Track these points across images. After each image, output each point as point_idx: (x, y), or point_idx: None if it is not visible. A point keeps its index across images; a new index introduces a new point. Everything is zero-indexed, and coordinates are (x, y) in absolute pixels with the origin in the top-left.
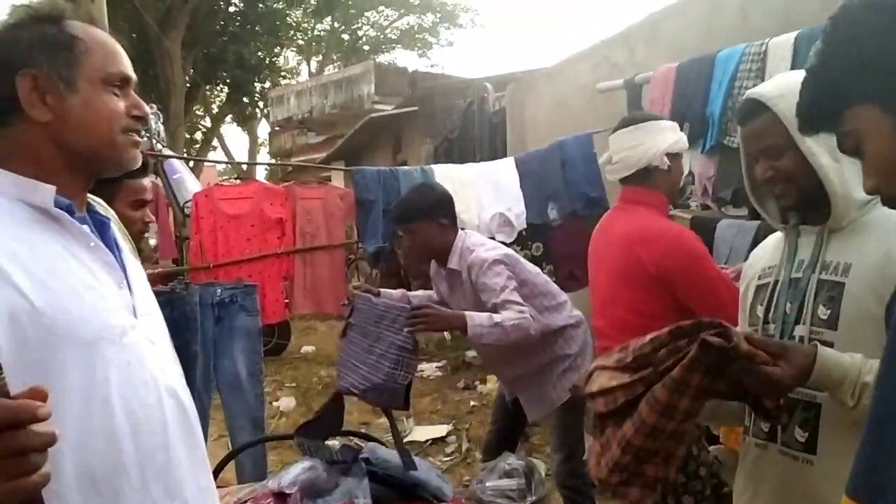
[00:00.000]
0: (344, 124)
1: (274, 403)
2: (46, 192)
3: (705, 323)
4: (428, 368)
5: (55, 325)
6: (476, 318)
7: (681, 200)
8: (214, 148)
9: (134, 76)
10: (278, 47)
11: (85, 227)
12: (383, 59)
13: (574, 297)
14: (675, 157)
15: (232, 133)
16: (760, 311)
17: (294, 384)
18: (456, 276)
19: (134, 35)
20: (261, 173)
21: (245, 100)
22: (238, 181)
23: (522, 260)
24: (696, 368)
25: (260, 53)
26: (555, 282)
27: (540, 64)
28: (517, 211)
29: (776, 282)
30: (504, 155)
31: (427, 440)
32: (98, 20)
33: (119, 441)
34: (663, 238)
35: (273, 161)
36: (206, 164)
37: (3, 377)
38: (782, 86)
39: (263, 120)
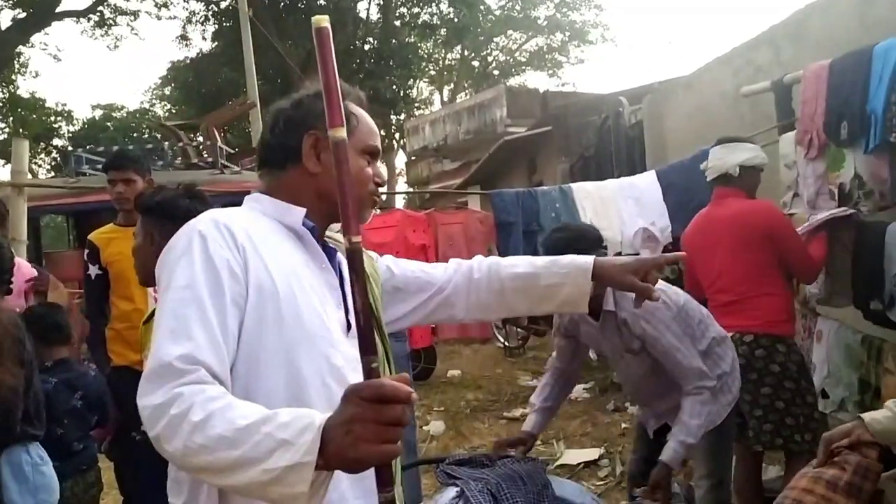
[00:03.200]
0: (478, 149)
1: (424, 427)
2: (297, 213)
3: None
4: (575, 390)
5: (288, 310)
6: (671, 453)
7: (849, 205)
8: None
9: (380, 150)
10: (411, 79)
11: (321, 251)
12: (514, 82)
13: None
14: (748, 168)
15: None
16: None
17: (442, 408)
18: (610, 317)
19: (279, 80)
20: (399, 202)
21: (382, 132)
22: (380, 210)
23: (667, 286)
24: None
25: (394, 87)
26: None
27: (676, 73)
28: (662, 225)
29: None
30: (643, 169)
31: (579, 464)
32: (249, 74)
33: None
34: (762, 208)
35: (412, 189)
36: None
37: (377, 361)
38: None
39: (400, 150)
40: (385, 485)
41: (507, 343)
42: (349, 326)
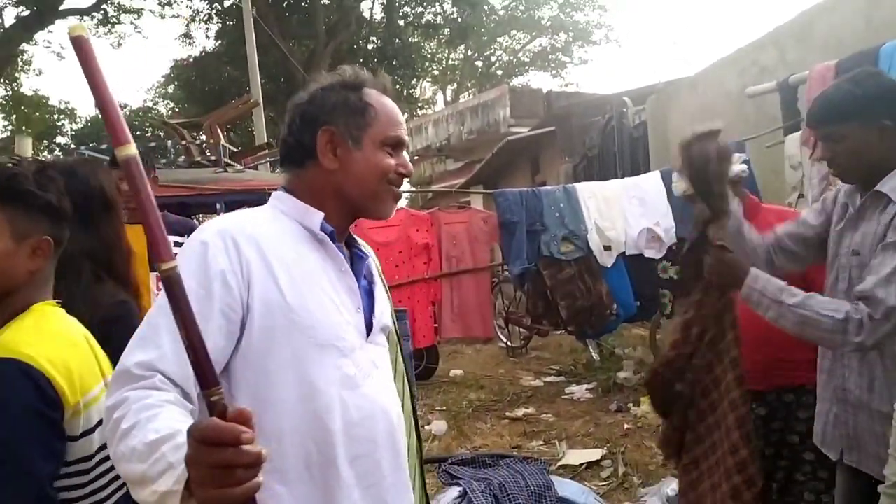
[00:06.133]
0: (481, 149)
1: (426, 427)
2: (316, 217)
3: None
4: (578, 391)
5: (299, 321)
6: (761, 280)
7: None
8: None
9: (407, 140)
10: (415, 79)
11: (341, 255)
12: (517, 82)
13: None
14: None
15: None
16: None
17: (444, 408)
18: (876, 203)
19: (282, 80)
20: (402, 201)
21: None
22: None
23: None
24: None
25: (398, 87)
26: None
27: (681, 74)
28: (666, 225)
29: None
30: (647, 170)
31: (581, 464)
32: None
33: (333, 438)
34: None
35: (415, 189)
36: None
37: (220, 393)
38: None
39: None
40: None
41: (509, 343)
42: (369, 330)
